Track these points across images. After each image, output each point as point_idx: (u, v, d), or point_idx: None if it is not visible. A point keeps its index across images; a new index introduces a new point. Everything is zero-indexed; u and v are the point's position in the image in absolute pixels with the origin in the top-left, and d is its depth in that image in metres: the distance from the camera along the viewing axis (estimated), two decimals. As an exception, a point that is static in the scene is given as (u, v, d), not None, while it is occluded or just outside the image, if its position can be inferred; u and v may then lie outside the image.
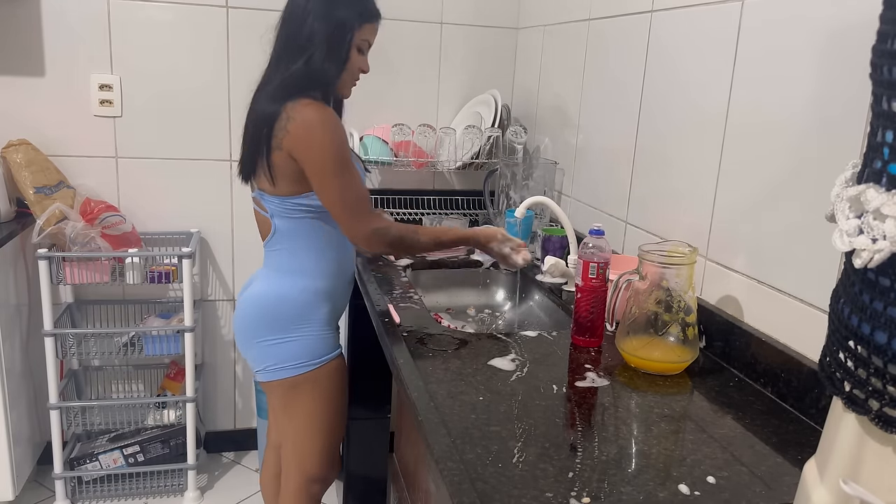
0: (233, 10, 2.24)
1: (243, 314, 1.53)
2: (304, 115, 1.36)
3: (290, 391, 1.53)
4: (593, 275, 1.33)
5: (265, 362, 1.52)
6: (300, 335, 1.50)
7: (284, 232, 1.48)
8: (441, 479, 0.89)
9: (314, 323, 1.51)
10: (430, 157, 2.24)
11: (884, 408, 0.55)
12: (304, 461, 1.59)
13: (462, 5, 2.40)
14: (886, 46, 0.54)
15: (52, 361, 2.07)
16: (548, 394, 1.14)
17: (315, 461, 1.59)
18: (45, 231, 1.99)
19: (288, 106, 1.37)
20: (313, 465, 1.59)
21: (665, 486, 0.90)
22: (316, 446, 1.58)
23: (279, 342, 1.49)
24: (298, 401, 1.54)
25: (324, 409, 1.56)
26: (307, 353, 1.50)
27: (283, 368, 1.50)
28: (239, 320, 1.54)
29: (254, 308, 1.52)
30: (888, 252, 0.52)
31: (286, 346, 1.50)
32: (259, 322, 1.51)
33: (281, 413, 1.57)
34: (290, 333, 1.49)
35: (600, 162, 1.87)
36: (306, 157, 1.37)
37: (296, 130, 1.36)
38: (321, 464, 1.60)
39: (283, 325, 1.49)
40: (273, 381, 1.52)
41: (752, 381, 1.22)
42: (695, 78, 1.43)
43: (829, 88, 1.08)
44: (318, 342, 1.51)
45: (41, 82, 2.16)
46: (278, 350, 1.50)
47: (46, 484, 2.30)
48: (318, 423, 1.56)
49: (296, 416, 1.55)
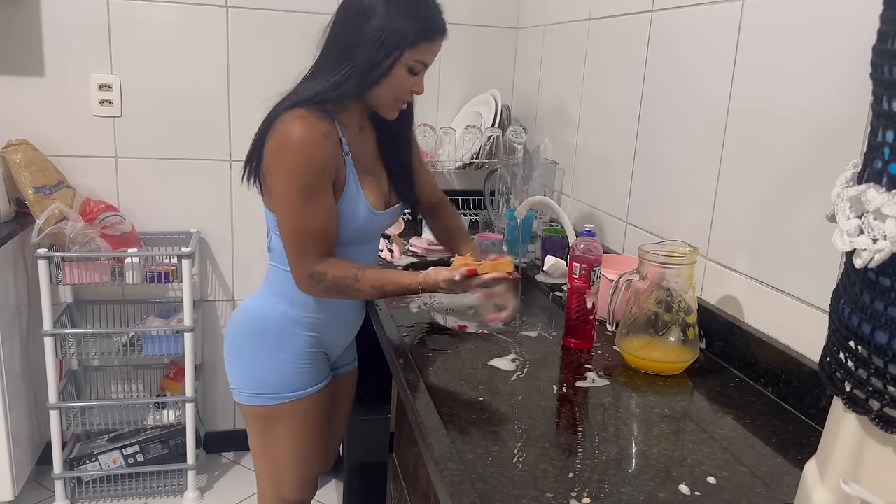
0: (233, 10, 2.24)
1: (230, 326, 1.45)
2: (285, 129, 1.23)
3: (264, 420, 1.43)
4: (576, 275, 1.32)
5: (241, 383, 1.43)
6: (275, 361, 1.40)
7: (276, 249, 1.39)
8: (441, 479, 0.89)
9: (290, 352, 1.40)
10: (430, 157, 2.24)
11: (884, 408, 0.55)
12: (280, 486, 1.51)
13: (462, 5, 2.40)
14: (886, 46, 0.54)
15: (52, 361, 2.07)
16: (548, 394, 1.14)
17: (291, 488, 1.51)
18: (45, 231, 1.98)
19: (279, 118, 1.25)
20: (289, 492, 1.52)
21: (665, 486, 0.90)
22: (293, 476, 1.50)
23: (253, 362, 1.41)
24: (275, 431, 1.44)
25: (301, 441, 1.46)
26: (282, 384, 1.40)
27: (259, 396, 1.41)
28: (227, 330, 1.47)
29: (239, 321, 1.44)
30: (889, 252, 0.52)
31: (259, 370, 1.40)
32: (241, 337, 1.43)
33: (255, 437, 1.47)
34: (265, 356, 1.40)
35: (600, 162, 1.87)
36: (270, 175, 1.27)
37: (271, 143, 1.25)
38: (297, 490, 1.53)
39: (259, 344, 1.40)
40: (247, 406, 1.43)
41: (752, 382, 1.22)
42: (695, 77, 1.43)
43: (830, 89, 1.08)
44: (294, 374, 1.41)
45: (41, 82, 2.15)
46: (252, 372, 1.41)
47: (46, 484, 2.30)
48: (294, 454, 1.47)
49: (272, 443, 1.45)
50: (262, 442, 1.47)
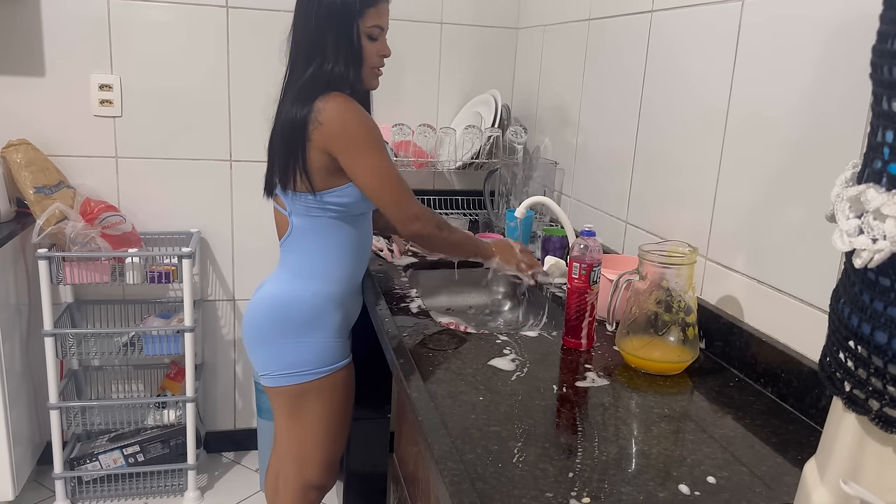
0: (233, 10, 2.24)
1: (253, 315, 1.49)
2: (334, 104, 1.35)
3: (295, 399, 1.49)
4: (576, 275, 1.32)
5: (271, 367, 1.48)
6: (310, 341, 1.46)
7: (301, 231, 1.45)
8: (441, 479, 0.89)
9: (325, 329, 1.48)
10: (430, 157, 2.24)
11: (884, 408, 0.55)
12: (305, 468, 1.56)
13: (462, 5, 2.40)
14: (886, 46, 0.54)
15: (52, 361, 2.07)
16: (548, 394, 1.14)
17: (315, 469, 1.56)
18: (45, 231, 1.98)
19: (317, 103, 1.35)
20: (313, 474, 1.57)
21: (665, 486, 0.90)
22: (318, 456, 1.55)
23: (288, 347, 1.46)
24: (304, 409, 1.50)
25: (329, 419, 1.52)
26: (316, 360, 1.47)
27: (290, 375, 1.47)
28: (248, 321, 1.50)
29: (264, 310, 1.48)
30: (888, 252, 0.52)
31: (295, 352, 1.46)
32: (268, 325, 1.47)
33: (284, 419, 1.53)
34: (300, 339, 1.46)
35: (600, 162, 1.87)
36: (343, 142, 1.36)
37: (328, 120, 1.35)
38: (321, 473, 1.57)
39: (293, 329, 1.46)
40: (279, 387, 1.49)
41: (752, 381, 1.22)
42: (695, 77, 1.43)
43: (830, 88, 1.08)
44: (327, 350, 1.48)
45: (41, 82, 2.16)
46: (286, 355, 1.46)
47: (46, 484, 2.30)
48: (322, 433, 1.53)
49: (300, 423, 1.51)
50: (290, 422, 1.52)
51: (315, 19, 1.38)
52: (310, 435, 1.53)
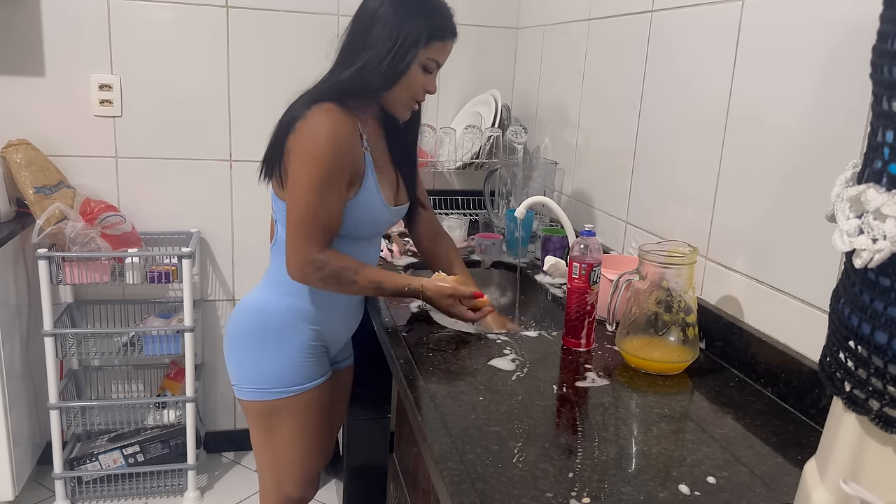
0: (233, 10, 2.24)
1: (231, 320, 1.47)
2: (314, 118, 1.28)
3: (266, 415, 1.44)
4: (576, 275, 1.32)
5: (241, 377, 1.44)
6: (277, 355, 1.41)
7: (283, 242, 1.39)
8: (441, 479, 0.89)
9: (293, 346, 1.42)
10: (430, 157, 2.24)
11: (884, 408, 0.55)
12: (283, 483, 1.52)
13: (462, 5, 2.38)
14: (886, 46, 0.54)
15: (52, 361, 2.07)
16: (548, 394, 1.14)
17: (293, 484, 1.52)
18: (45, 231, 1.99)
19: (310, 108, 1.29)
20: (291, 488, 1.53)
21: (665, 486, 0.90)
22: (294, 472, 1.50)
23: (256, 357, 1.41)
24: (276, 426, 1.45)
25: (304, 437, 1.47)
26: (284, 377, 1.41)
27: (260, 391, 1.42)
28: (228, 325, 1.48)
29: (239, 315, 1.45)
30: (888, 252, 0.52)
31: (262, 364, 1.41)
32: (241, 331, 1.43)
33: (259, 434, 1.48)
34: (268, 350, 1.41)
35: (600, 162, 1.87)
36: (296, 153, 1.29)
37: (299, 130, 1.29)
38: (300, 486, 1.53)
39: (262, 338, 1.41)
40: (249, 401, 1.44)
41: (752, 381, 1.22)
42: (695, 77, 1.43)
43: (830, 88, 1.08)
44: (297, 368, 1.42)
45: (41, 82, 2.16)
46: (254, 366, 1.42)
47: (46, 484, 2.30)
48: (298, 450, 1.48)
49: (273, 440, 1.46)
50: (264, 438, 1.48)
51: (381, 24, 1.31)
52: (285, 452, 1.48)
